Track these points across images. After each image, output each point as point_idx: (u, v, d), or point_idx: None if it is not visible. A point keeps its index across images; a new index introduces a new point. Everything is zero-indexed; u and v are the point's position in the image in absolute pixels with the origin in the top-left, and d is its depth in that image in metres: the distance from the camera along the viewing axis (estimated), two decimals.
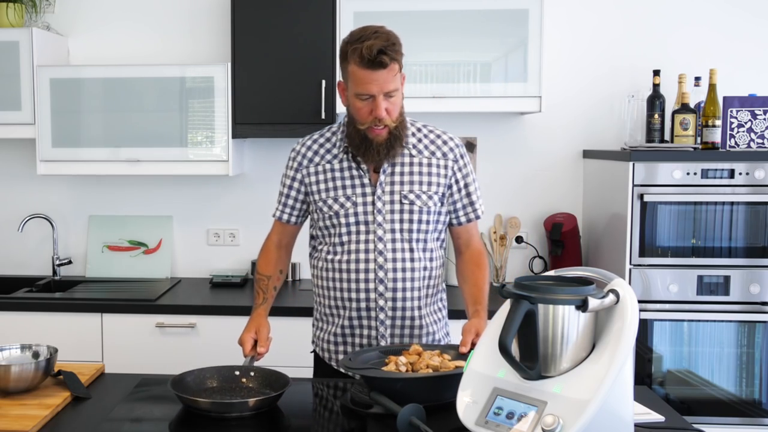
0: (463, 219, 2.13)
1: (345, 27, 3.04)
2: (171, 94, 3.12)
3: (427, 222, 2.06)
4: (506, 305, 1.49)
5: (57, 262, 3.46)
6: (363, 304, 2.05)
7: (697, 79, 3.16)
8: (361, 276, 2.04)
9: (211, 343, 2.92)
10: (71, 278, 3.47)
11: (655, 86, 3.16)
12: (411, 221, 2.04)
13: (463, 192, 2.12)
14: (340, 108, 3.09)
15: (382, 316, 2.05)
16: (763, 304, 2.86)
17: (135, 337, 2.95)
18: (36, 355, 1.93)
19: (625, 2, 3.36)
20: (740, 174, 2.83)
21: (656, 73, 3.16)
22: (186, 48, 3.45)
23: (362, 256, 2.04)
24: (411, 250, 2.05)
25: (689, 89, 3.11)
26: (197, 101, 3.13)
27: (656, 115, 3.15)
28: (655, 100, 3.15)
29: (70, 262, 3.51)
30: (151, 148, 3.15)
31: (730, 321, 2.87)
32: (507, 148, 3.43)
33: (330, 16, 3.06)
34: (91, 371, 2.00)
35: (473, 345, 1.83)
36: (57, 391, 1.85)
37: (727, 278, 2.85)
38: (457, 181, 2.10)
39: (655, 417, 1.73)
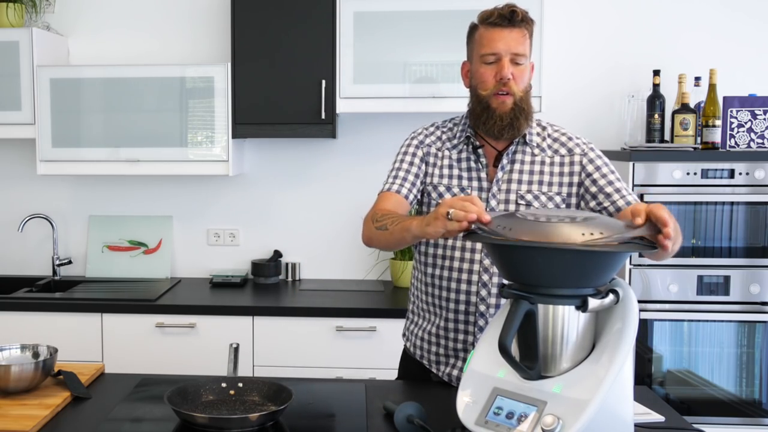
0: (611, 210, 1.82)
1: (345, 27, 3.04)
2: (171, 94, 3.12)
3: None
4: (506, 305, 1.49)
5: (57, 262, 3.46)
6: (462, 307, 1.90)
7: (697, 79, 3.16)
8: (464, 276, 1.88)
9: (211, 343, 2.92)
10: (71, 278, 3.46)
11: (655, 86, 3.16)
12: None
13: (602, 182, 1.86)
14: (341, 108, 3.09)
15: (481, 322, 1.88)
16: (763, 304, 2.86)
17: (135, 337, 2.95)
18: (36, 355, 1.93)
19: (624, 2, 3.36)
20: (740, 174, 2.83)
21: (656, 73, 3.16)
22: (186, 48, 3.45)
23: (467, 255, 1.88)
24: None
25: (689, 89, 3.11)
26: (197, 101, 3.12)
27: (656, 115, 3.15)
28: (655, 100, 3.15)
29: (70, 262, 3.51)
30: (151, 148, 3.15)
31: (730, 321, 2.87)
32: None
33: (330, 16, 3.06)
34: (91, 371, 2.00)
35: (650, 218, 1.39)
36: (57, 391, 1.85)
37: (727, 278, 2.85)
38: (589, 174, 1.87)
39: (655, 417, 1.73)
